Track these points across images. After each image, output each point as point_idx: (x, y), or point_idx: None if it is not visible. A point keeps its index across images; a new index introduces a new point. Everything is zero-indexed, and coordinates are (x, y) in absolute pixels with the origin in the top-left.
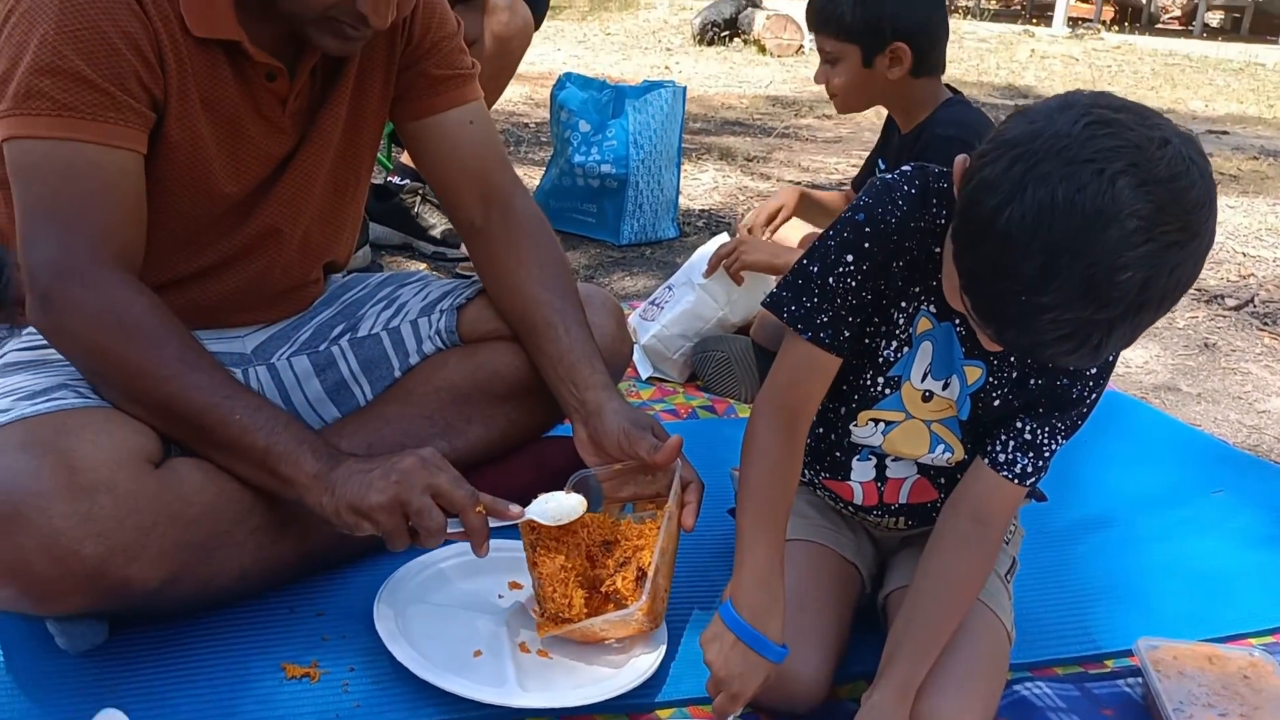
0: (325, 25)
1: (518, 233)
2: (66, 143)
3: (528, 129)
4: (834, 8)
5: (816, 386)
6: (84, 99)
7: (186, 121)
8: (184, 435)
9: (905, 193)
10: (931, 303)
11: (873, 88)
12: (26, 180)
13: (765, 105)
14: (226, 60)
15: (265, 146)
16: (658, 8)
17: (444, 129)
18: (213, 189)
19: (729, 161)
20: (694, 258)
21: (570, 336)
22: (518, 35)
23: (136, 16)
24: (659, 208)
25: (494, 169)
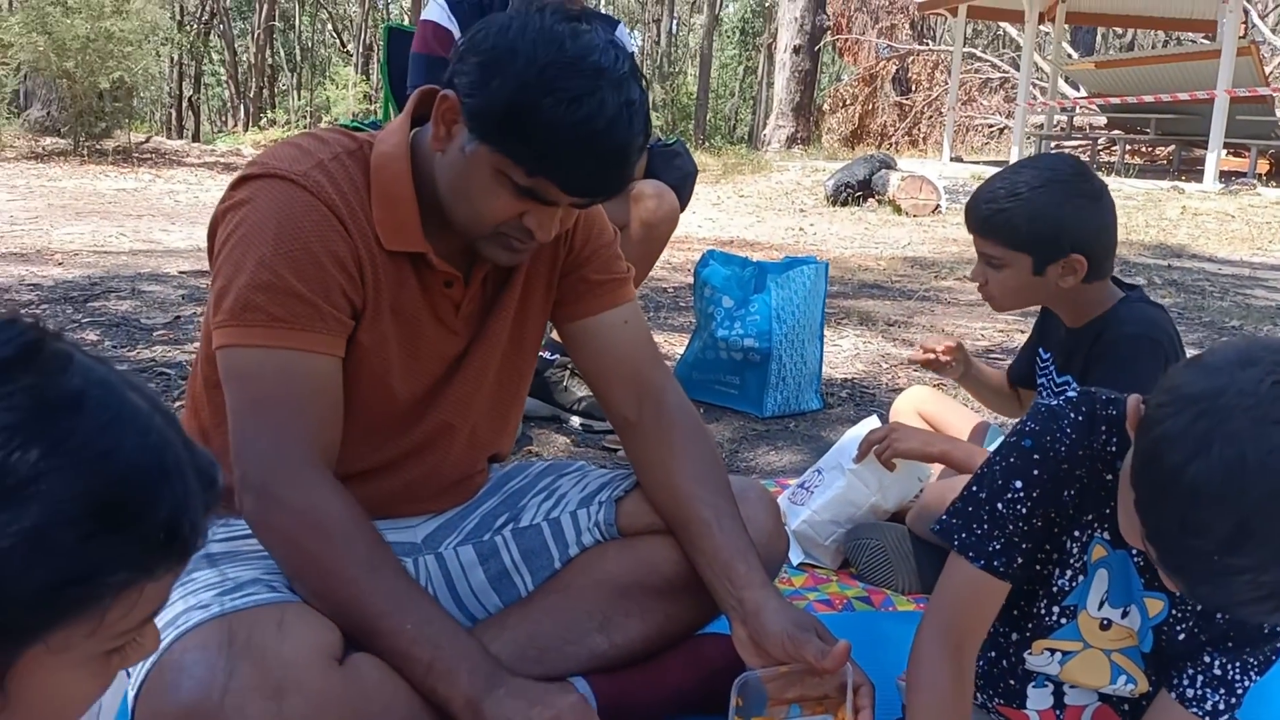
0: (496, 240)
1: (670, 427)
2: (278, 351)
3: (666, 294)
4: (1005, 217)
5: (986, 612)
6: (295, 311)
7: (376, 326)
8: (361, 637)
9: (1073, 420)
10: (1105, 529)
11: (1039, 294)
12: (241, 383)
13: (903, 267)
14: (411, 269)
15: (440, 348)
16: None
17: (600, 329)
18: (391, 388)
19: (869, 327)
20: (843, 440)
21: (724, 533)
22: (664, 221)
23: (341, 237)
24: (802, 380)
25: (647, 366)
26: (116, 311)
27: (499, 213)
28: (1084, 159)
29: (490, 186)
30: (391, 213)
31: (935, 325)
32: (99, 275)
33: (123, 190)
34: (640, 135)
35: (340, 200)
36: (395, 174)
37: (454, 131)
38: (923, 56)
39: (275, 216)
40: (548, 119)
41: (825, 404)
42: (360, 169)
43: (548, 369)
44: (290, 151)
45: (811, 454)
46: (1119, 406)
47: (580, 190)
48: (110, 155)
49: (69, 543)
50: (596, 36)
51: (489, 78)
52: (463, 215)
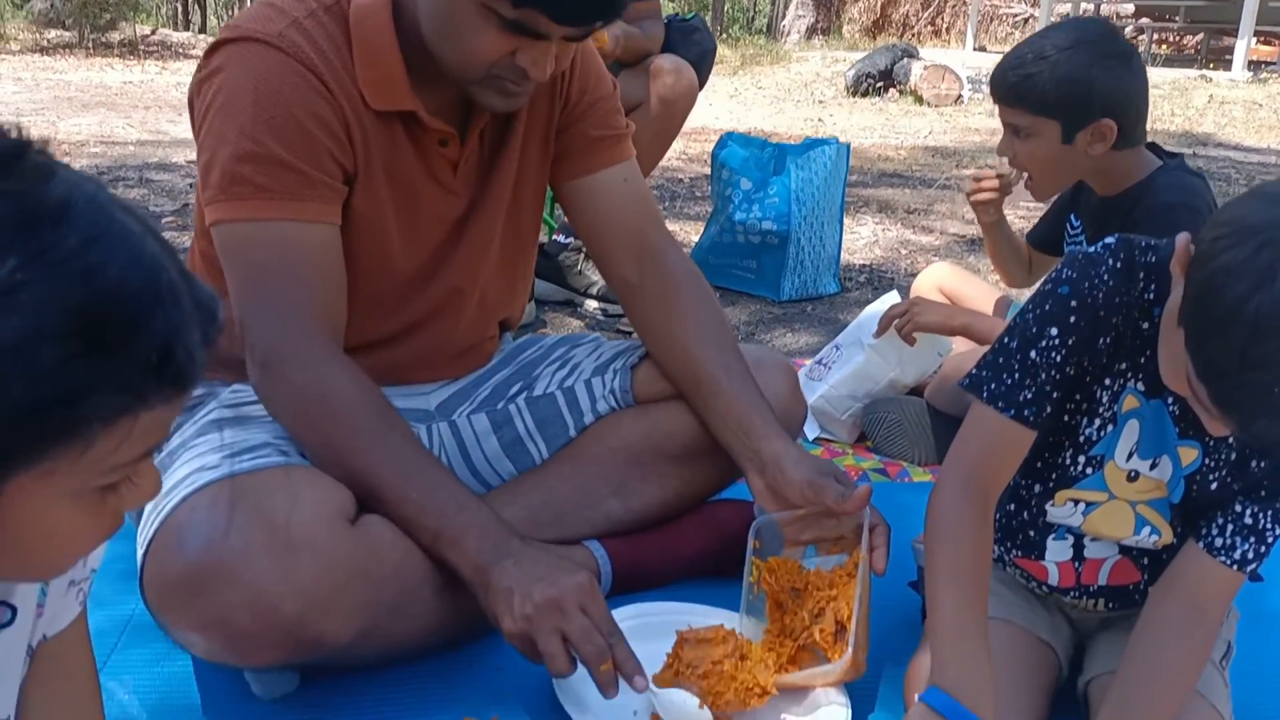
0: (489, 84)
1: (672, 288)
2: (270, 223)
3: (682, 184)
4: (1032, 82)
5: (1011, 463)
6: (283, 180)
7: (370, 191)
8: (372, 504)
9: (1111, 267)
10: (1139, 379)
11: (1071, 164)
12: (237, 258)
13: (924, 156)
14: (403, 129)
15: (440, 210)
16: (810, 60)
17: (599, 187)
18: (392, 255)
19: (889, 215)
20: (863, 316)
21: (735, 389)
22: (683, 98)
23: (324, 98)
24: (820, 264)
25: (648, 226)
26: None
27: (488, 52)
28: None
29: (476, 24)
30: (376, 69)
31: (956, 212)
32: (106, 165)
33: (129, 82)
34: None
35: (320, 60)
36: (376, 26)
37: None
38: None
39: (252, 82)
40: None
41: (843, 288)
42: (339, 25)
43: (561, 252)
44: (263, 12)
45: (828, 336)
46: (1158, 253)
47: (570, 16)
48: (116, 48)
49: (52, 361)
50: None
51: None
52: (451, 59)
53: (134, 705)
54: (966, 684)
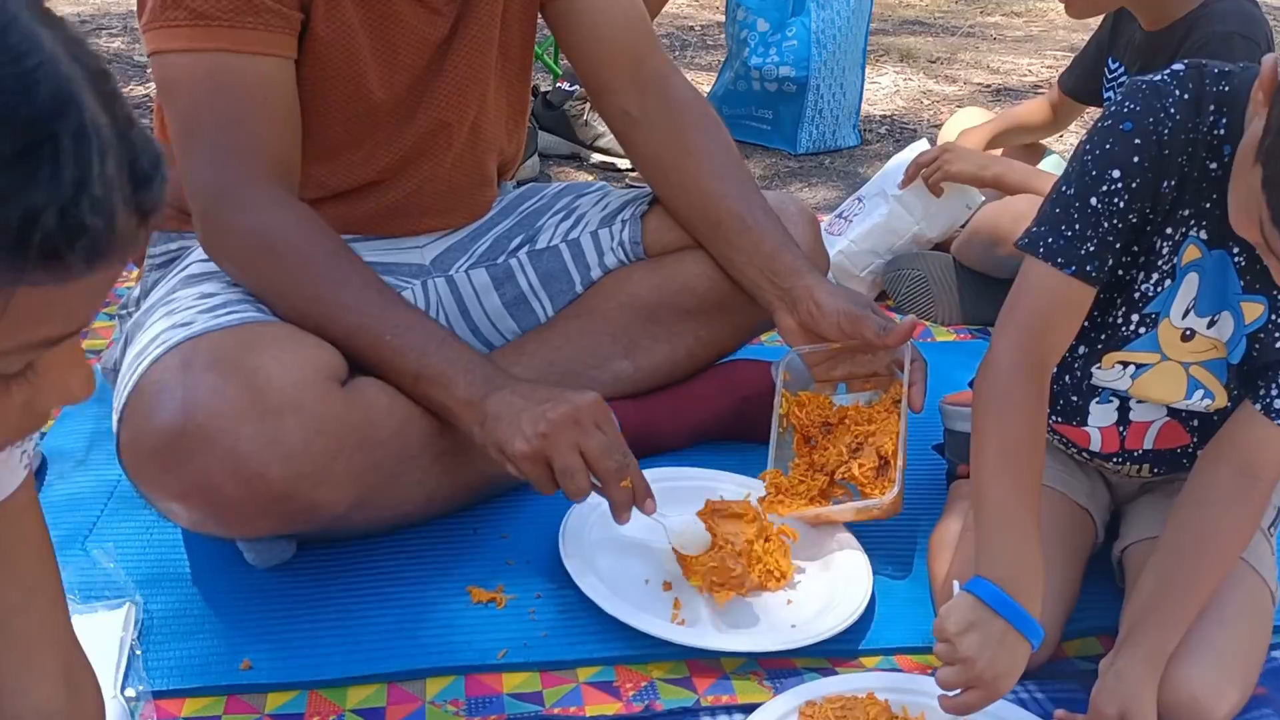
0: None
1: (680, 119)
2: (207, 54)
3: (693, 31)
4: None
5: (1071, 327)
6: (221, 5)
7: (335, 14)
8: (346, 356)
9: (1178, 99)
10: (1202, 228)
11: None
12: (172, 96)
13: (947, 3)
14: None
15: (420, 32)
16: None
17: (591, 5)
18: (367, 86)
19: (910, 63)
20: (888, 166)
21: (761, 224)
22: None
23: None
24: (840, 114)
25: (646, 49)
26: (109, 49)
27: None
28: None
29: None
30: None
31: (980, 61)
32: (89, 14)
33: None
34: None
35: None
36: None
37: None
38: None
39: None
40: None
41: (863, 140)
42: None
43: (566, 101)
44: None
45: (847, 190)
46: (1232, 81)
47: None
48: None
49: None
50: None
51: None
52: None
53: (120, 575)
54: (1016, 577)
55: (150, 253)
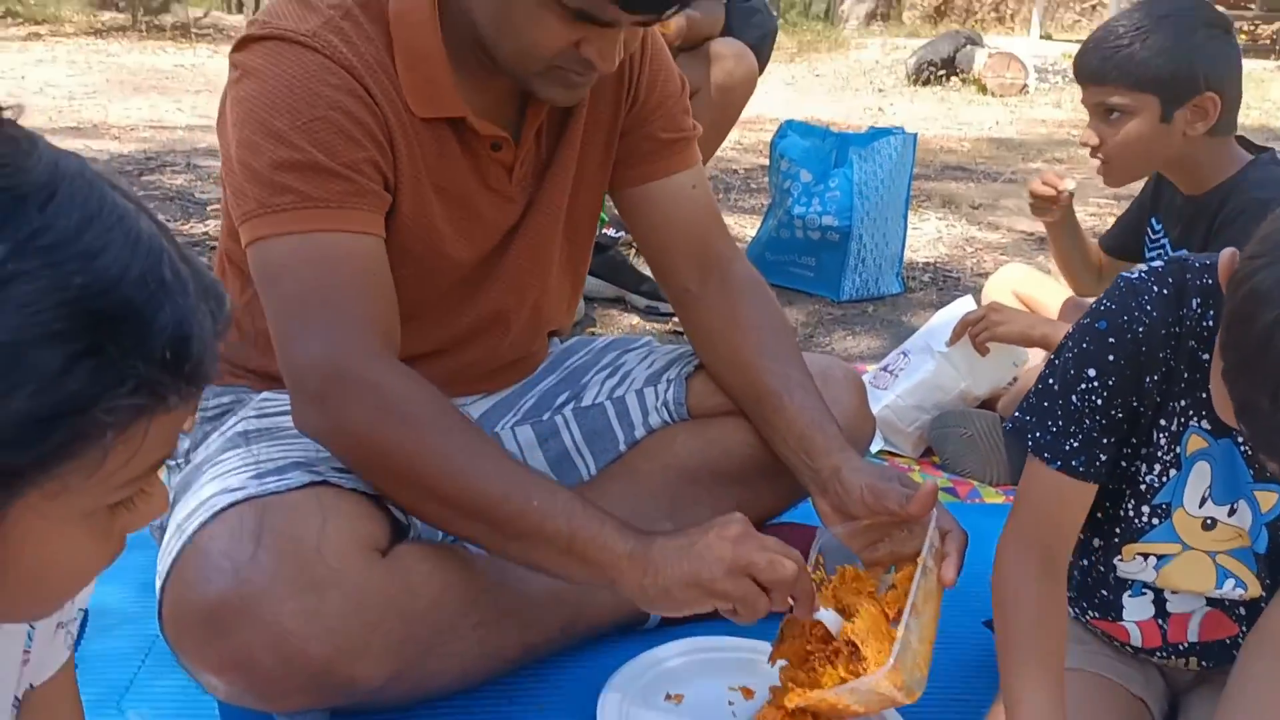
0: (551, 76)
1: (736, 297)
2: (315, 235)
3: (737, 175)
4: (1129, 54)
5: (1073, 517)
6: (326, 189)
7: (418, 200)
8: (475, 529)
9: (1155, 295)
10: (1203, 417)
11: (1163, 148)
12: (277, 279)
13: (989, 148)
14: (453, 136)
15: (494, 218)
16: (869, 47)
17: (666, 194)
18: (443, 260)
19: (953, 210)
20: (933, 322)
21: (797, 403)
22: (742, 84)
23: (364, 104)
24: (883, 262)
25: (713, 235)
26: (171, 186)
27: (551, 43)
28: None
29: (537, 13)
30: (419, 72)
31: (1023, 208)
32: (155, 150)
33: (180, 66)
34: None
35: (359, 62)
36: (419, 25)
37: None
38: None
39: (286, 84)
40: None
41: (906, 288)
42: (376, 22)
43: (612, 247)
44: (292, 9)
45: (890, 339)
46: (1215, 273)
47: (642, 3)
48: (169, 30)
49: (54, 364)
50: None
51: None
52: (509, 52)
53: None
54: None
55: (203, 405)
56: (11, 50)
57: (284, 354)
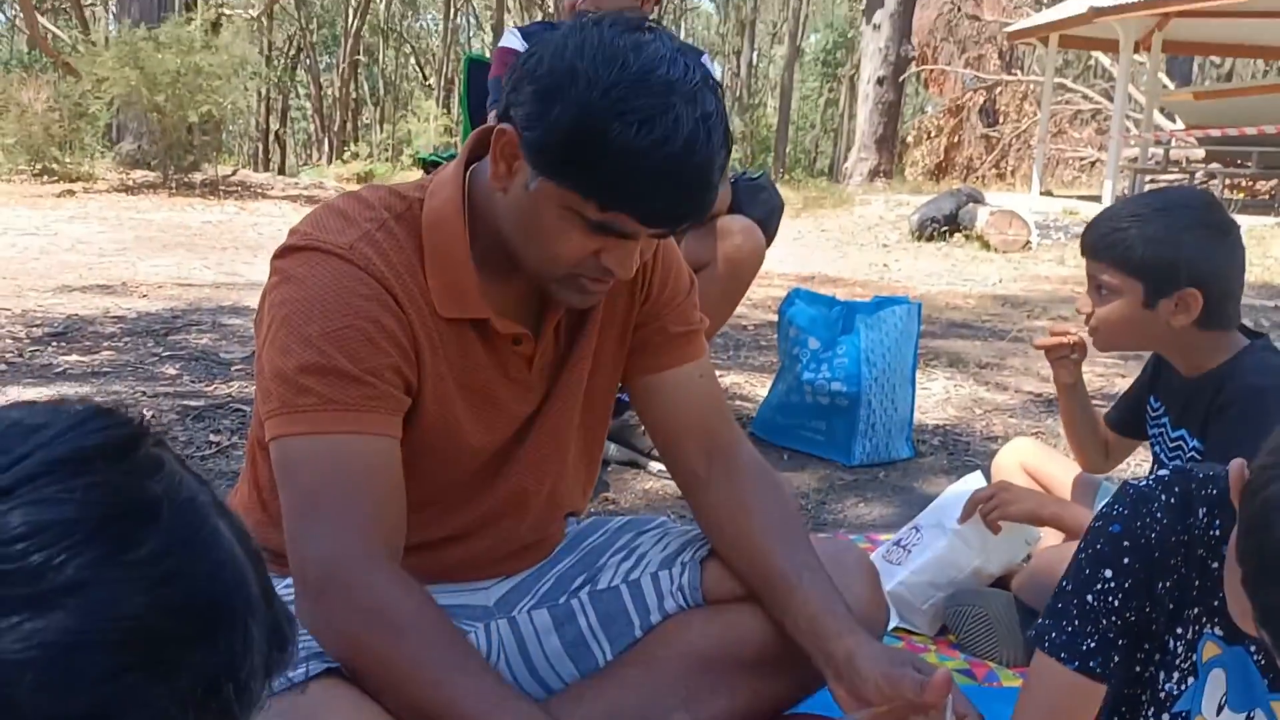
0: (570, 282)
1: (742, 483)
2: (330, 436)
3: (747, 332)
4: (1120, 236)
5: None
6: (346, 393)
7: (440, 397)
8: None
9: (1164, 503)
10: (1216, 623)
11: (1147, 332)
12: (294, 475)
13: (994, 305)
14: (475, 335)
15: (514, 407)
16: (873, 204)
17: (674, 384)
18: (463, 450)
19: (960, 369)
20: (944, 497)
21: (807, 586)
22: (750, 259)
23: (391, 312)
24: (892, 427)
25: (718, 423)
26: (196, 345)
27: (572, 253)
28: None
29: (560, 225)
30: (447, 277)
31: (1029, 368)
32: (181, 308)
33: (208, 222)
34: (721, 150)
35: (390, 272)
36: (449, 234)
37: (515, 168)
38: (1011, 87)
39: (320, 293)
40: (618, 147)
41: (917, 452)
42: (410, 233)
43: (625, 411)
44: (334, 222)
45: (902, 506)
46: (1219, 484)
47: (661, 220)
48: (198, 188)
49: (93, 672)
50: (662, 45)
51: (548, 106)
52: (532, 258)
53: None
54: None
55: None
56: (45, 207)
57: (291, 547)
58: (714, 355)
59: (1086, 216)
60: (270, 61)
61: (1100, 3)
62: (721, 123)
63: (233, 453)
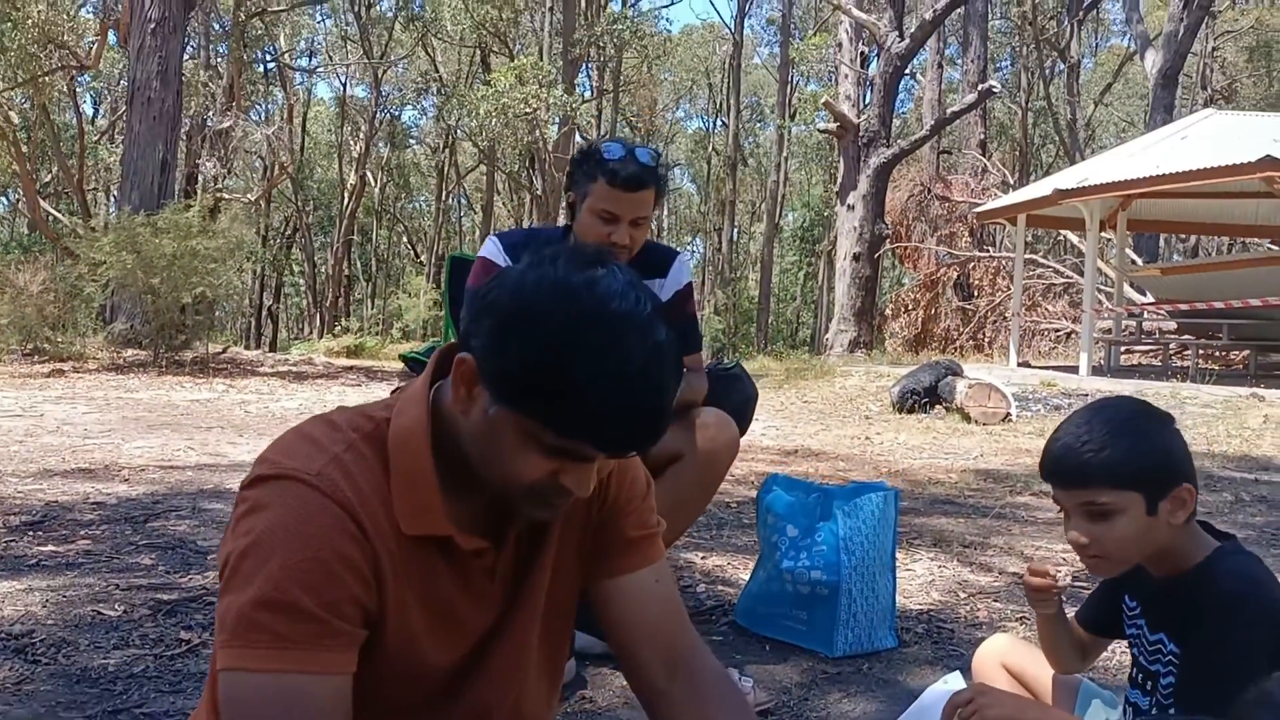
0: (530, 498)
1: (705, 695)
2: (279, 674)
3: (729, 509)
4: (1105, 456)
5: None
6: (301, 630)
7: (401, 621)
8: None
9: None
10: None
11: (1154, 539)
12: (236, 712)
13: (976, 480)
14: (438, 551)
15: (475, 620)
16: (854, 375)
17: (631, 587)
18: (424, 668)
19: (944, 548)
20: (924, 699)
21: None
22: (725, 449)
23: (355, 540)
24: (874, 615)
25: (678, 630)
26: (174, 533)
27: (531, 474)
28: (1158, 363)
29: (519, 449)
30: (413, 496)
31: (1013, 546)
32: (162, 493)
33: (196, 401)
34: (673, 377)
35: (357, 497)
36: (414, 453)
37: (474, 394)
38: (984, 262)
39: (285, 525)
40: (574, 380)
41: (901, 641)
42: (377, 452)
43: None
44: (303, 448)
45: (886, 701)
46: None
47: (618, 446)
48: (188, 366)
49: None
50: (614, 280)
51: (505, 341)
52: (493, 477)
53: None
54: None
55: None
56: (33, 387)
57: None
58: (696, 535)
59: (1065, 388)
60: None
61: (1064, 184)
62: (671, 350)
63: (202, 650)
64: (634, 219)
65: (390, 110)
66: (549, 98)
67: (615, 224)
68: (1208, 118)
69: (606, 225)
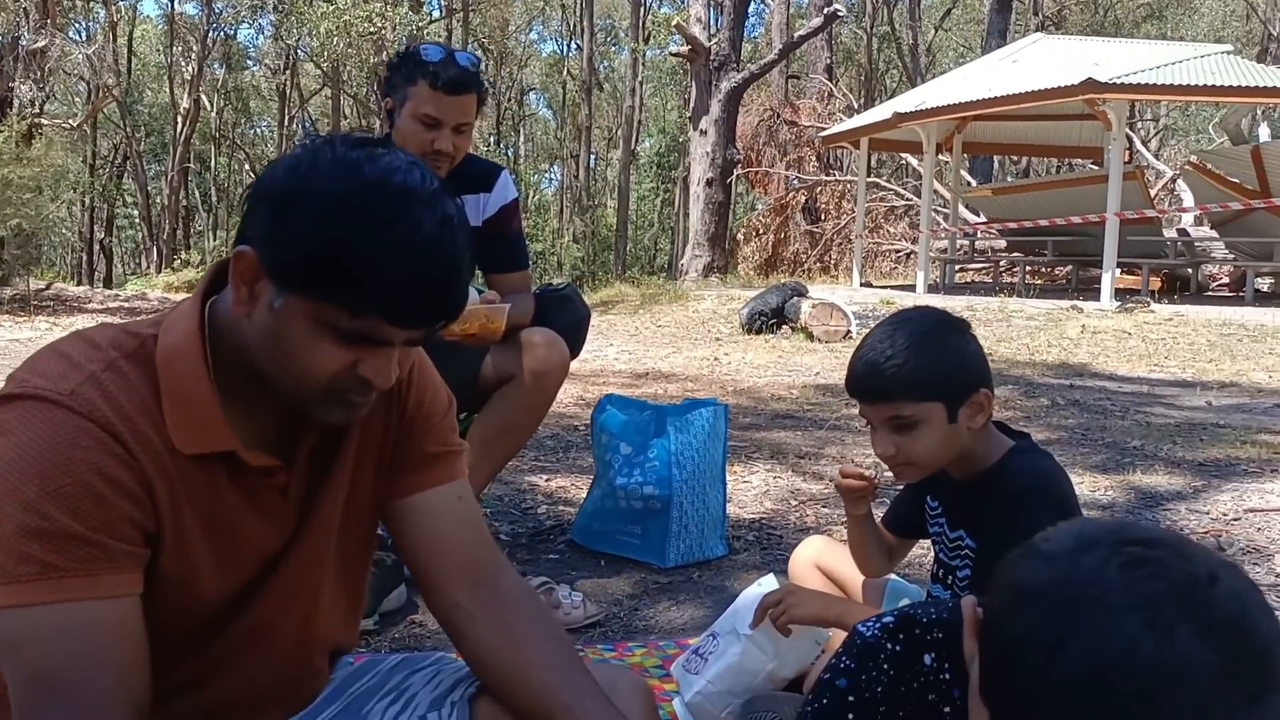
0: (330, 398)
1: (511, 610)
2: (58, 605)
3: (577, 432)
4: (907, 370)
5: None
6: (75, 555)
7: (181, 544)
8: None
9: (890, 653)
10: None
11: (956, 444)
12: (18, 655)
13: (815, 395)
14: (223, 469)
15: (260, 542)
16: (706, 299)
17: (432, 505)
18: (200, 594)
19: (780, 460)
20: (738, 603)
21: (593, 714)
22: (555, 370)
23: (120, 460)
24: (704, 527)
25: (482, 549)
26: None
27: (328, 366)
28: (989, 280)
29: (312, 340)
30: (186, 412)
31: (846, 456)
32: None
33: (15, 340)
34: (465, 252)
35: (117, 417)
36: (186, 368)
37: (257, 290)
38: (830, 186)
39: (38, 448)
40: (361, 249)
41: (730, 549)
42: (143, 371)
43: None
44: (56, 366)
45: (714, 606)
46: (947, 626)
47: (413, 320)
48: (6, 303)
49: None
50: (396, 158)
51: (284, 221)
52: (288, 380)
53: None
54: None
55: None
56: None
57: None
58: (542, 458)
59: (902, 305)
60: (95, 171)
61: (903, 108)
62: (464, 227)
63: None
64: (457, 125)
65: (224, 29)
66: (394, 16)
67: (438, 130)
68: (1036, 42)
69: (429, 131)
